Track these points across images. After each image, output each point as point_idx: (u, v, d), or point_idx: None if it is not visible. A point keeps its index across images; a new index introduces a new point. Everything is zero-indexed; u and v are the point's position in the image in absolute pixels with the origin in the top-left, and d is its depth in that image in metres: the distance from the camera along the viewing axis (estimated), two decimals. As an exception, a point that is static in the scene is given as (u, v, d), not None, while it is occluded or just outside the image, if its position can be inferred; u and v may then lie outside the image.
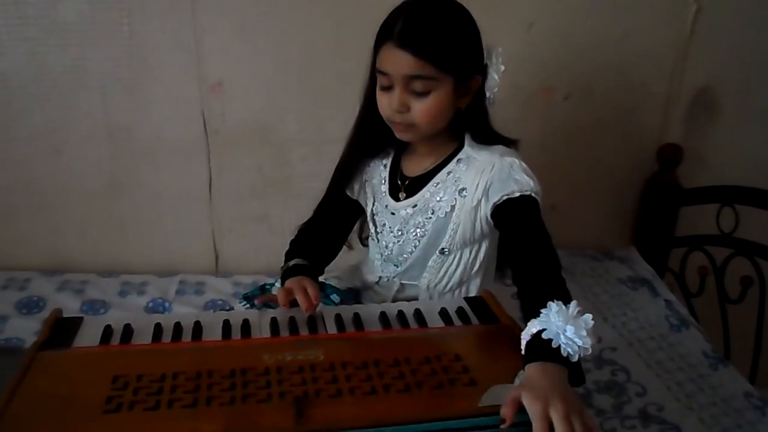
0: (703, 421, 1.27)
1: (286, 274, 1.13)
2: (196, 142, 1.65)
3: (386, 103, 1.05)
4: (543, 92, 1.71)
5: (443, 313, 1.02)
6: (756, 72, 1.75)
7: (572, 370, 0.80)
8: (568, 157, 1.78)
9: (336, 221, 1.25)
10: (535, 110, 1.72)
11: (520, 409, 0.73)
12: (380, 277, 1.22)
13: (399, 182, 1.16)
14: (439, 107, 1.03)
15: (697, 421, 1.27)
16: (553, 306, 0.83)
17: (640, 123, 1.78)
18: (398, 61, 0.99)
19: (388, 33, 1.00)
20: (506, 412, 0.73)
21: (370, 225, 1.21)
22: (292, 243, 1.22)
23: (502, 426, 0.73)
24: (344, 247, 1.28)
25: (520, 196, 1.02)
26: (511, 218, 1.03)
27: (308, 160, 1.68)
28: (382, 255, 1.20)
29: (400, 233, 1.15)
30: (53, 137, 1.61)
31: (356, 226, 1.28)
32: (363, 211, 1.24)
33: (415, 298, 1.16)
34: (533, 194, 1.02)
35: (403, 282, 1.19)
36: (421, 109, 1.02)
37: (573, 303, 0.83)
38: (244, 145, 1.66)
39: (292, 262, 1.15)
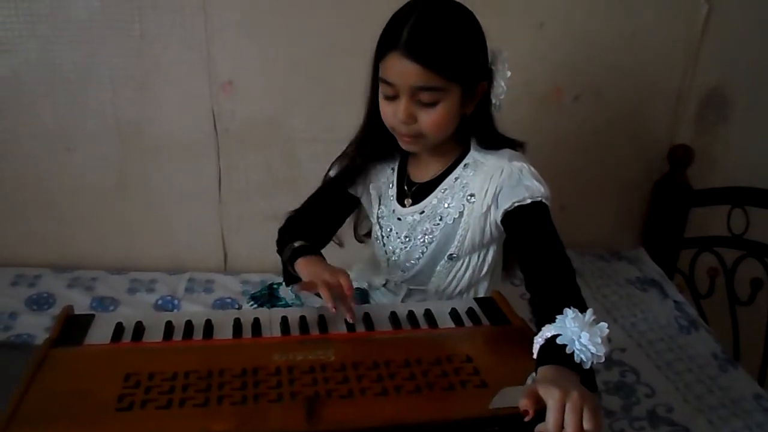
0: (712, 423, 1.27)
1: (296, 254, 1.07)
2: (206, 140, 1.65)
3: (391, 114, 1.01)
4: (553, 92, 1.71)
5: (453, 314, 1.01)
6: (767, 72, 1.74)
7: (584, 377, 0.79)
8: (577, 157, 1.78)
9: (328, 215, 1.21)
10: (545, 110, 1.72)
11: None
12: (387, 281, 1.21)
13: (405, 188, 1.14)
14: (447, 117, 1.00)
15: (705, 422, 1.27)
16: (569, 312, 0.82)
17: (650, 123, 1.78)
18: (405, 72, 0.96)
19: (393, 41, 0.96)
20: (526, 403, 0.72)
21: (376, 229, 1.19)
22: (281, 230, 1.17)
23: (526, 419, 0.72)
24: (347, 245, 1.25)
25: (532, 202, 1.00)
26: (523, 225, 1.01)
27: (317, 158, 1.66)
28: (388, 260, 1.18)
29: (407, 239, 1.13)
30: (63, 134, 1.62)
31: (352, 223, 1.26)
32: (356, 207, 1.22)
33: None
34: (544, 200, 1.01)
35: (411, 287, 1.18)
36: (429, 121, 0.99)
37: (589, 311, 0.83)
38: (253, 143, 1.67)
39: (297, 244, 1.09)
